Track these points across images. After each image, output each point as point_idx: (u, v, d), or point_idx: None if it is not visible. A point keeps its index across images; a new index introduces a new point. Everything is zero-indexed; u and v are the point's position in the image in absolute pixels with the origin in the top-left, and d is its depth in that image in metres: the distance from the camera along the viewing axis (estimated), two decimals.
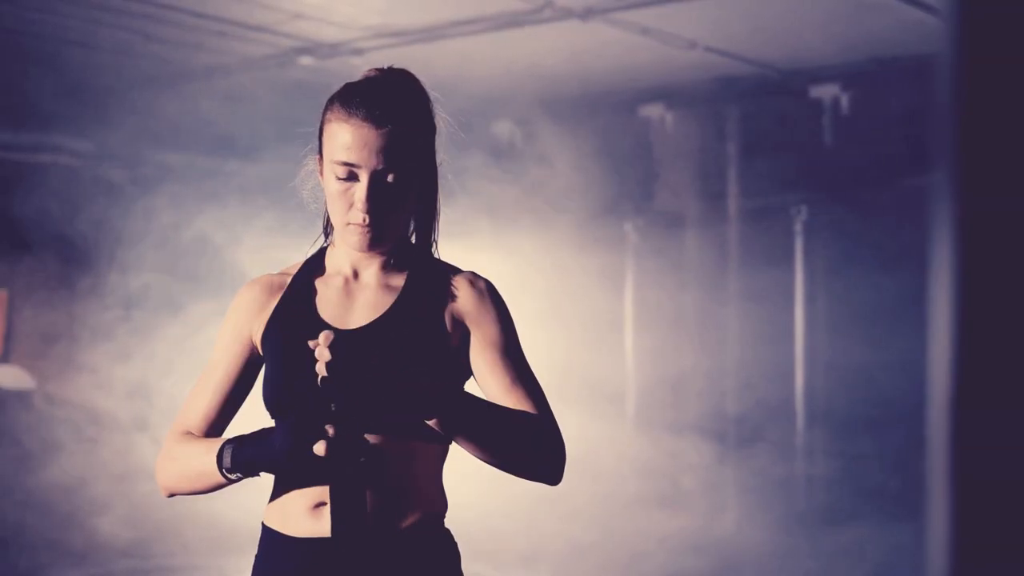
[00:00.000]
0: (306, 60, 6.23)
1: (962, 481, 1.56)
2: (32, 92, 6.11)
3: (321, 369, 1.71)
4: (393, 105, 1.92)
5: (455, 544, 2.03)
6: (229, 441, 1.88)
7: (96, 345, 6.17)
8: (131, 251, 6.17)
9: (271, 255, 3.83)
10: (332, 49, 6.10)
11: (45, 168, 6.47)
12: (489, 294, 2.03)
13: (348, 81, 2.01)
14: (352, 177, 1.92)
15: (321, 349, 1.71)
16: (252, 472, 1.88)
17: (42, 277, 6.54)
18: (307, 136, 2.08)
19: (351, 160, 1.91)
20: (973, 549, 1.55)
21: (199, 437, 2.01)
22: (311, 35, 5.90)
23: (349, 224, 1.95)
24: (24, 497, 5.87)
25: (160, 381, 5.81)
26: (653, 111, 7.14)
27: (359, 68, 2.08)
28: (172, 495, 2.03)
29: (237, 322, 2.06)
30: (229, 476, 1.88)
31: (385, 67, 2.01)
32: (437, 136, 2.02)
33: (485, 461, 1.91)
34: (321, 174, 2.01)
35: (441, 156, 2.04)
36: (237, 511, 4.96)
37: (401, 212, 1.98)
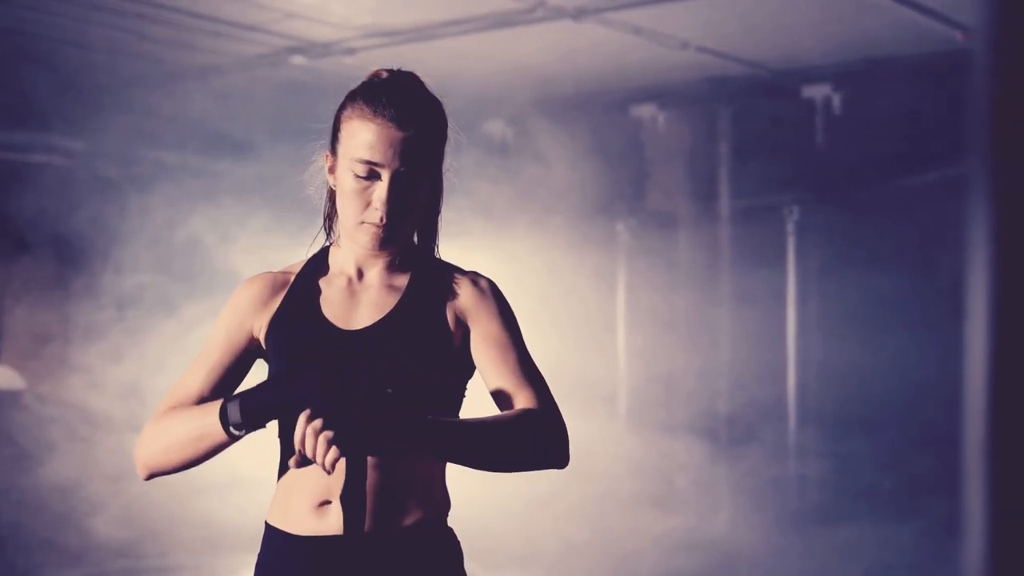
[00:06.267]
0: (298, 59, 6.22)
1: (999, 482, 1.54)
2: (26, 91, 6.10)
3: (329, 458, 1.69)
4: (418, 108, 1.93)
5: (458, 543, 2.04)
6: (231, 398, 1.86)
7: (89, 345, 6.15)
8: (125, 250, 6.16)
9: (266, 255, 3.83)
10: (325, 48, 6.09)
11: (38, 167, 6.47)
12: (491, 291, 2.04)
13: (346, 80, 2.02)
14: (372, 176, 1.93)
15: (321, 447, 1.69)
16: (261, 422, 1.85)
17: (35, 276, 6.52)
18: (308, 132, 2.07)
19: (375, 159, 1.91)
20: (1010, 552, 1.54)
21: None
22: (304, 34, 5.90)
23: (363, 223, 1.95)
24: (18, 497, 5.86)
25: (154, 381, 5.79)
26: (645, 111, 7.14)
27: (351, 67, 2.09)
28: (152, 475, 1.98)
29: (238, 315, 2.05)
30: (235, 432, 1.85)
31: (394, 68, 2.02)
32: (447, 142, 2.03)
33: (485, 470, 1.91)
34: (332, 171, 2.01)
35: (448, 162, 2.05)
36: (231, 510, 4.96)
37: (413, 214, 1.99)
